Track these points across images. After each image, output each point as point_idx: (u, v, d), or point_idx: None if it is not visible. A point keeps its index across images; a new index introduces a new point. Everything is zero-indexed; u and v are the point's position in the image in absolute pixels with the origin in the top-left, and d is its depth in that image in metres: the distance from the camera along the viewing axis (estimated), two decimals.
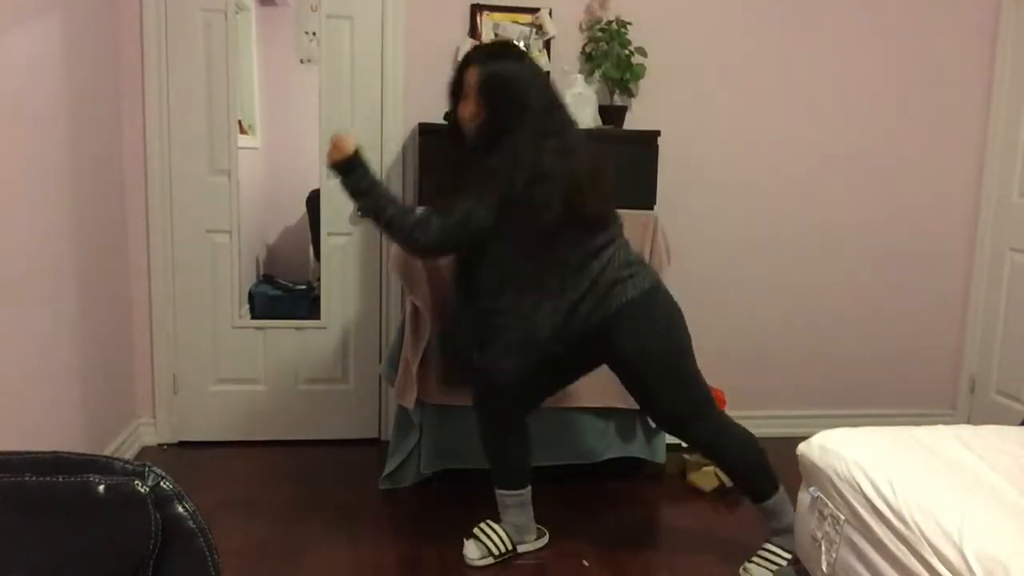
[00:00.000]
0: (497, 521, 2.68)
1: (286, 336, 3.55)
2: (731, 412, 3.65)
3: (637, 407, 3.10)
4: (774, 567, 2.48)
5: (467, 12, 3.38)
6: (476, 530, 2.67)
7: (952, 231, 3.83)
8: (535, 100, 2.27)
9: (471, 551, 2.62)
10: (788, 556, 2.47)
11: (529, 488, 2.69)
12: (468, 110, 2.31)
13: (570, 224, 2.25)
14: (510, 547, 2.64)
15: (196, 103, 3.34)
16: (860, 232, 3.76)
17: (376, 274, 3.54)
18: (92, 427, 2.98)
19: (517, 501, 2.66)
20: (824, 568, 2.07)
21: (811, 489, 2.18)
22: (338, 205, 3.47)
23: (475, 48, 2.41)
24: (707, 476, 3.18)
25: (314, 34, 3.81)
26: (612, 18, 3.37)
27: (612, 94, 3.42)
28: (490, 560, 2.61)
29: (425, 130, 3.07)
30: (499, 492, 2.67)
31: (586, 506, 3.03)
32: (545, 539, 2.74)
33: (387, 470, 3.06)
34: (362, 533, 2.78)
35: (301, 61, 4.20)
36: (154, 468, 0.99)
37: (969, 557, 1.60)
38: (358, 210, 2.36)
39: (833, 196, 3.72)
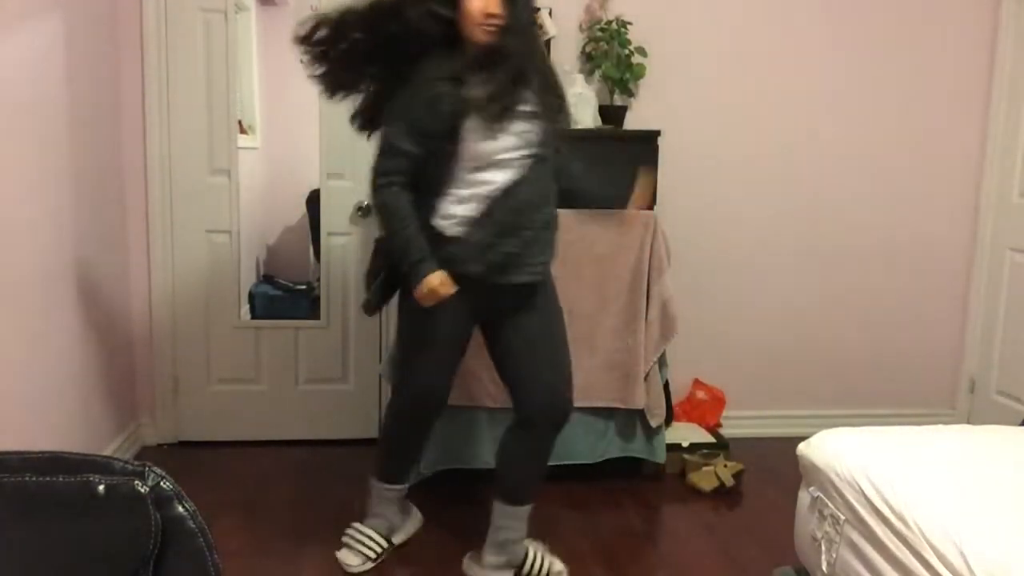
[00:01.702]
0: (361, 521, 2.64)
1: (286, 336, 3.55)
2: (731, 412, 3.69)
3: (638, 407, 3.12)
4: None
5: None
6: (345, 538, 2.60)
7: (952, 231, 3.83)
8: None
9: (349, 559, 2.56)
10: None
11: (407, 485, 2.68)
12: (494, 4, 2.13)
13: None
14: (385, 545, 2.60)
15: (196, 103, 3.33)
16: (860, 232, 3.76)
17: None
18: (92, 427, 2.98)
19: (398, 495, 2.65)
20: (824, 568, 2.07)
21: (811, 489, 2.18)
22: (338, 205, 3.48)
23: None
24: (707, 476, 3.18)
25: None
26: (612, 18, 3.37)
27: (612, 94, 3.42)
28: (370, 564, 2.56)
29: None
30: (384, 486, 2.62)
31: (586, 506, 3.03)
32: (418, 518, 2.75)
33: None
34: None
35: (301, 61, 4.19)
36: (154, 468, 0.99)
37: (969, 557, 1.60)
38: None
39: (833, 196, 3.72)
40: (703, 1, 3.53)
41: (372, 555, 2.57)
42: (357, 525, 2.62)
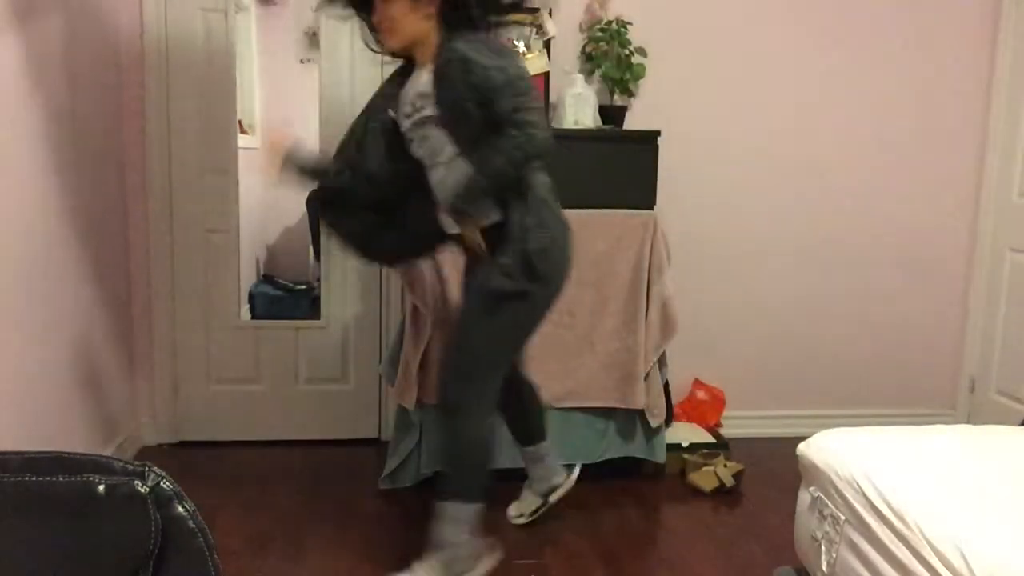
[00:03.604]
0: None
1: (286, 336, 3.55)
2: (731, 412, 3.69)
3: (638, 407, 3.12)
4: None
5: None
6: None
7: (952, 231, 3.83)
8: None
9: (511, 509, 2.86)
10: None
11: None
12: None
13: None
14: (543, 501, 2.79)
15: (196, 103, 3.34)
16: (860, 232, 3.76)
17: (376, 274, 3.53)
18: (92, 427, 2.98)
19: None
20: (824, 568, 2.07)
21: (811, 489, 2.18)
22: None
23: None
24: (707, 476, 3.18)
25: (314, 34, 3.81)
26: (612, 18, 3.37)
27: (612, 94, 3.42)
28: (524, 520, 2.84)
29: None
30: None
31: (586, 506, 3.03)
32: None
33: (387, 470, 3.06)
34: (362, 533, 2.78)
35: (301, 61, 4.20)
36: (154, 468, 0.99)
37: (969, 557, 1.60)
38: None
39: (833, 196, 3.72)
40: (703, 1, 3.53)
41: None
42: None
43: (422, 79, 2.28)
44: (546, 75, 3.40)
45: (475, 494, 2.38)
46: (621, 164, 3.14)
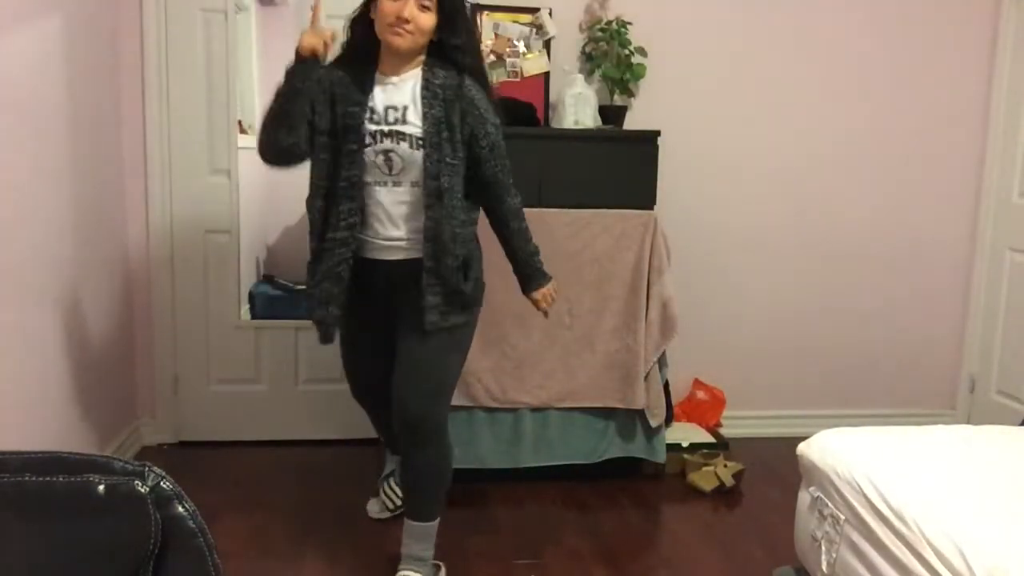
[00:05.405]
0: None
1: (286, 336, 3.55)
2: (731, 412, 3.68)
3: (638, 407, 3.13)
4: None
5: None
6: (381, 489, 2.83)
7: (952, 231, 3.83)
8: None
9: (372, 507, 2.90)
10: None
11: None
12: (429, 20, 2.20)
13: None
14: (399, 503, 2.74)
15: (196, 103, 3.33)
16: (860, 231, 3.76)
17: None
18: (92, 427, 2.98)
19: None
20: (824, 568, 2.07)
21: (811, 489, 2.18)
22: None
23: None
24: (707, 476, 3.18)
25: None
26: (612, 18, 3.37)
27: (612, 94, 3.42)
28: (387, 514, 2.84)
29: None
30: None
31: (586, 506, 3.03)
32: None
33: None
34: (362, 533, 2.78)
35: None
36: (154, 468, 0.99)
37: (969, 557, 1.60)
38: None
39: (833, 196, 3.72)
40: (703, 1, 3.53)
41: (391, 507, 2.82)
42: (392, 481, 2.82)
43: (404, 91, 2.24)
44: (546, 75, 3.41)
45: (441, 510, 2.46)
46: (621, 164, 3.14)
